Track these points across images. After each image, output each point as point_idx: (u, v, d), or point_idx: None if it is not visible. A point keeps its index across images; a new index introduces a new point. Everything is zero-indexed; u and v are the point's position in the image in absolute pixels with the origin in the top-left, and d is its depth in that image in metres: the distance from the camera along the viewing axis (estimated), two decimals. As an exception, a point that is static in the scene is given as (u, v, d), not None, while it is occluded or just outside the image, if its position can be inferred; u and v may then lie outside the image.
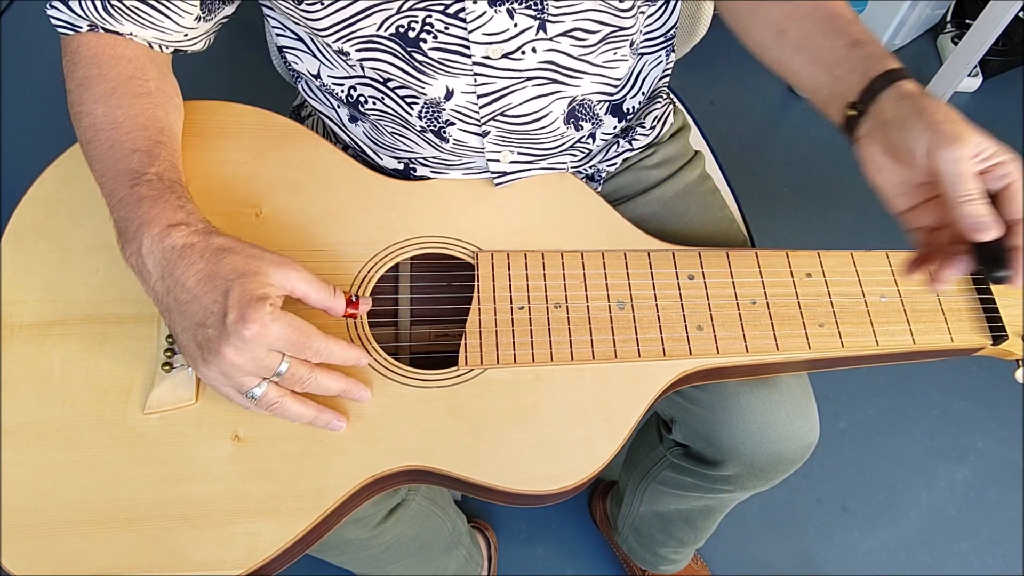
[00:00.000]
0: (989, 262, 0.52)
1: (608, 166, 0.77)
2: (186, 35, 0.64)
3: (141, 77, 0.61)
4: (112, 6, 0.59)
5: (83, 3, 0.59)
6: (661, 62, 0.73)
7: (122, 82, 0.60)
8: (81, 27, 0.61)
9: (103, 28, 0.61)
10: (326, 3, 0.57)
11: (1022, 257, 0.50)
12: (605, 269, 0.64)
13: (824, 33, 0.60)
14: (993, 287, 0.66)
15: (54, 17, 0.61)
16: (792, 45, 0.63)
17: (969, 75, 1.61)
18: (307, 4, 0.58)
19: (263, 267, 0.52)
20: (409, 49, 0.59)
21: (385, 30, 0.58)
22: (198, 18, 0.63)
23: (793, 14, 0.63)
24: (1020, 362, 0.65)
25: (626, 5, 0.61)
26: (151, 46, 0.64)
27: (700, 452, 0.77)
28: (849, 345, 0.62)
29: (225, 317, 0.50)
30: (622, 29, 0.63)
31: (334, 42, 0.60)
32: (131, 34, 0.62)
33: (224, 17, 0.65)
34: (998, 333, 0.64)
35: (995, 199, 0.51)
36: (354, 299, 0.57)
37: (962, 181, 0.50)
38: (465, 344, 0.60)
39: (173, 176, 0.58)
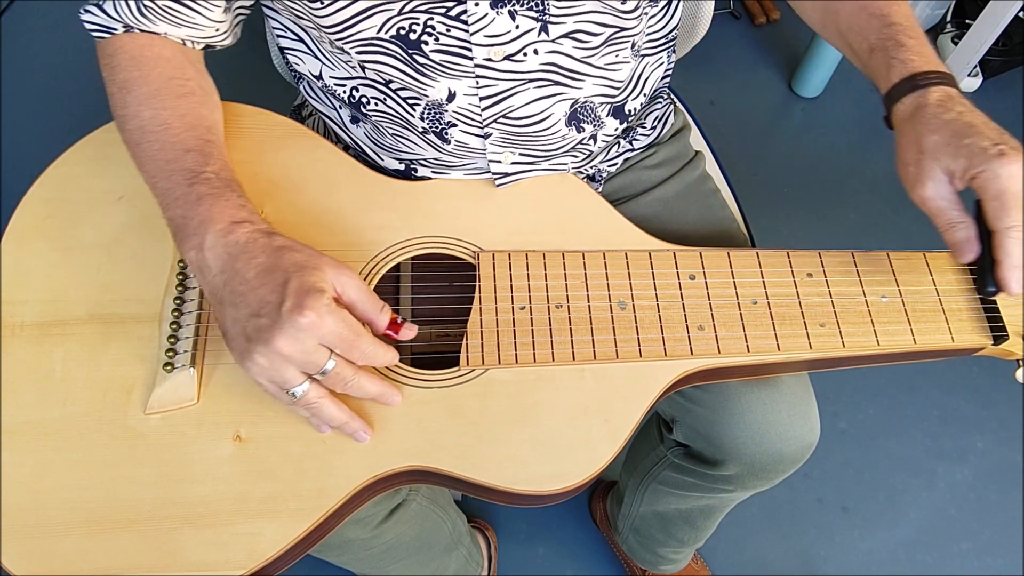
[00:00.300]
0: (980, 277, 0.57)
1: (609, 166, 0.77)
2: (217, 30, 0.64)
3: (182, 76, 0.61)
4: (145, 7, 0.60)
5: (117, 6, 0.60)
6: (662, 63, 0.73)
7: (164, 83, 0.60)
8: (117, 29, 0.61)
9: (139, 29, 0.61)
10: (326, 2, 0.57)
11: (1009, 264, 0.54)
12: (606, 269, 0.64)
13: (854, 30, 0.63)
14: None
15: (89, 22, 0.61)
16: (837, 35, 0.65)
17: (969, 75, 1.61)
18: (308, 2, 0.58)
19: (322, 265, 0.52)
20: (410, 51, 0.59)
21: (386, 32, 0.58)
22: (225, 10, 0.63)
23: (830, 5, 0.65)
24: (1020, 362, 0.65)
25: (629, 7, 0.61)
26: (184, 44, 0.64)
27: (701, 452, 0.77)
28: (850, 345, 0.62)
29: (281, 306, 0.50)
30: (624, 30, 0.63)
31: (336, 42, 0.60)
32: (165, 33, 0.62)
33: (241, 9, 0.65)
34: (999, 333, 0.64)
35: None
36: (398, 321, 0.56)
37: (933, 216, 0.57)
38: (466, 344, 0.60)
39: (229, 176, 0.58)
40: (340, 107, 0.71)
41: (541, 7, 0.58)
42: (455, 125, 0.64)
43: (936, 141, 0.55)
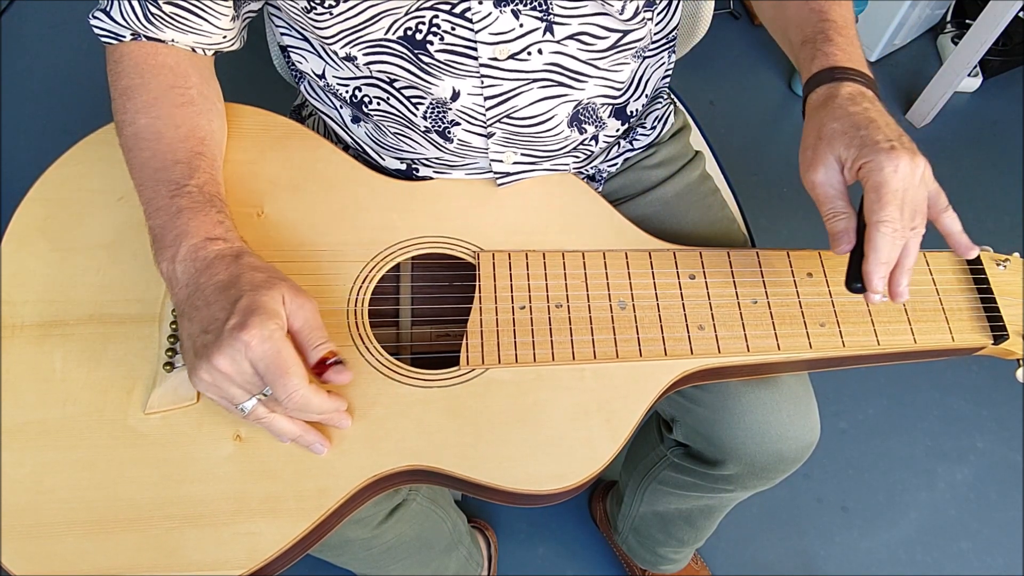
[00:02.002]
0: (848, 272, 0.56)
1: (609, 166, 0.77)
2: (224, 36, 0.64)
3: (182, 85, 0.62)
4: (153, 15, 0.60)
5: (124, 13, 0.60)
6: (663, 63, 0.73)
7: (163, 92, 0.61)
8: (125, 36, 0.62)
9: (145, 36, 0.62)
10: (335, 13, 0.58)
11: (875, 259, 0.53)
12: (606, 269, 0.64)
13: (795, 22, 0.65)
14: (993, 286, 0.66)
15: (97, 27, 0.62)
16: (781, 29, 0.67)
17: (969, 75, 1.61)
18: (315, 14, 0.58)
19: (281, 287, 0.52)
20: (416, 51, 0.59)
21: (393, 33, 0.59)
22: (233, 17, 0.64)
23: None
24: (1020, 361, 0.65)
25: (627, 15, 0.61)
26: (194, 51, 0.64)
27: (701, 452, 0.77)
28: (850, 345, 0.62)
29: (226, 323, 0.50)
30: (627, 33, 0.63)
31: (341, 48, 0.60)
32: (173, 40, 0.63)
33: (249, 12, 0.66)
34: (999, 332, 0.64)
35: None
36: (329, 362, 0.53)
37: (819, 203, 0.57)
38: (466, 344, 0.60)
39: (213, 190, 0.59)
40: (341, 106, 0.71)
41: (545, 7, 0.58)
42: (458, 124, 0.65)
43: (835, 129, 0.56)
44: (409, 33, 0.58)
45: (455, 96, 0.62)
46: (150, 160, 0.58)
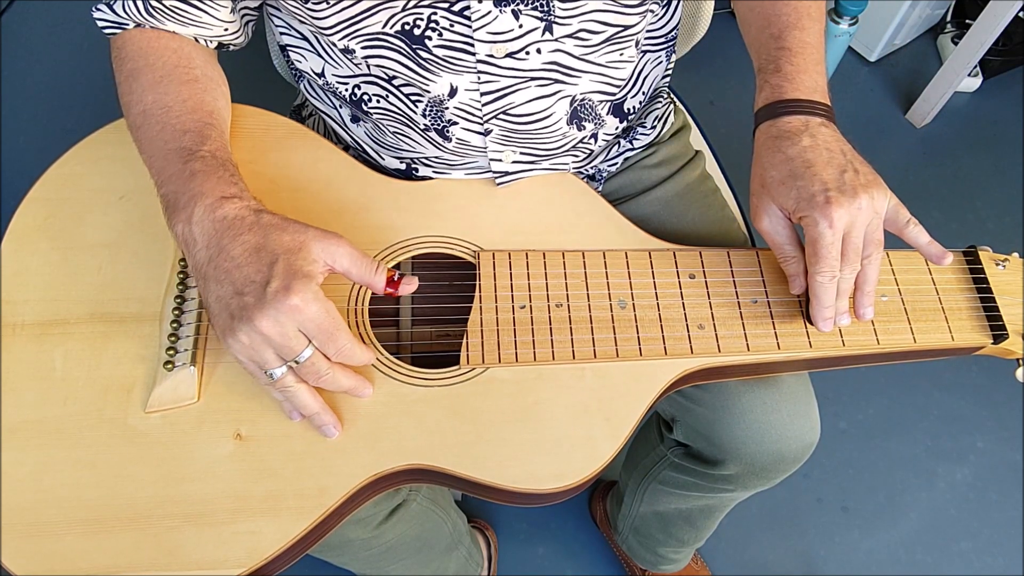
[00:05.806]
0: (805, 310, 0.62)
1: (609, 166, 0.77)
2: (226, 29, 0.65)
3: (187, 65, 0.62)
4: (153, 7, 0.61)
5: (126, 6, 0.61)
6: (661, 62, 0.73)
7: (169, 70, 0.61)
8: (128, 25, 0.62)
9: (148, 27, 0.62)
10: (331, 2, 0.58)
11: (818, 305, 0.59)
12: (606, 268, 0.64)
13: (754, 48, 0.65)
14: (993, 285, 0.66)
15: (100, 19, 0.62)
16: (746, 40, 0.67)
17: (969, 75, 1.61)
18: (313, 3, 0.58)
19: (308, 242, 0.52)
20: (414, 46, 0.60)
21: (391, 27, 0.59)
22: (232, 10, 0.64)
23: (746, 16, 0.67)
24: (1020, 361, 0.65)
25: (634, 0, 0.61)
26: (196, 41, 0.65)
27: (701, 451, 0.77)
28: (850, 344, 0.62)
29: (267, 286, 0.50)
30: (627, 28, 0.63)
31: (339, 40, 0.60)
32: (175, 32, 0.63)
33: (247, 9, 0.66)
34: (999, 332, 0.64)
35: None
36: (396, 278, 0.56)
37: (771, 247, 0.61)
38: (467, 343, 0.61)
39: (224, 156, 0.59)
40: (341, 106, 0.71)
41: (546, 7, 0.58)
42: (456, 123, 0.65)
43: (774, 178, 0.58)
44: (407, 28, 0.59)
45: (452, 92, 0.62)
46: (160, 133, 0.59)
